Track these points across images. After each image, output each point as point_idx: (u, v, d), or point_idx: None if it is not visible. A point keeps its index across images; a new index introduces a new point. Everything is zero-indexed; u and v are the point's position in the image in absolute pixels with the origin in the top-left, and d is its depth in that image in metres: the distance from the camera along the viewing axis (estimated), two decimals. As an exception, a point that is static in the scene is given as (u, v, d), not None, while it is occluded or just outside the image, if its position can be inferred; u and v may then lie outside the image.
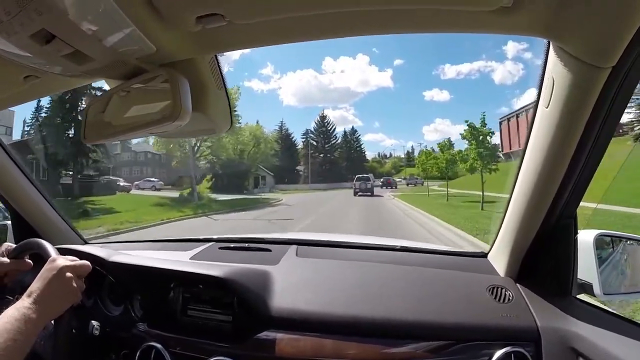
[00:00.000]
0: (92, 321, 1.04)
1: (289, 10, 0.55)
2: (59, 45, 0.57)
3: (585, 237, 0.93)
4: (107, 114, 0.74)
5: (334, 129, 61.93)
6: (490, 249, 1.16)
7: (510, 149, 42.62)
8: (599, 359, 0.75)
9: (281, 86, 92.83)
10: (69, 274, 0.81)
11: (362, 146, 64.26)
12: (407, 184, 44.10)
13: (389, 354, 0.88)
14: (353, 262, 1.17)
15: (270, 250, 1.28)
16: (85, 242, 1.44)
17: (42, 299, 0.75)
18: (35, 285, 0.77)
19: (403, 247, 1.33)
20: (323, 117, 62.58)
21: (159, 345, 0.96)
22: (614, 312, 0.92)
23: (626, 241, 1.05)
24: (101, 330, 1.04)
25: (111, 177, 26.15)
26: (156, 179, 31.49)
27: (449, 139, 20.89)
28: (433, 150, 24.63)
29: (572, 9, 0.55)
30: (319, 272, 1.13)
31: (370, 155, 70.30)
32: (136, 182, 30.16)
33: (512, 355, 0.84)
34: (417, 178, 46.98)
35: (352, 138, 63.11)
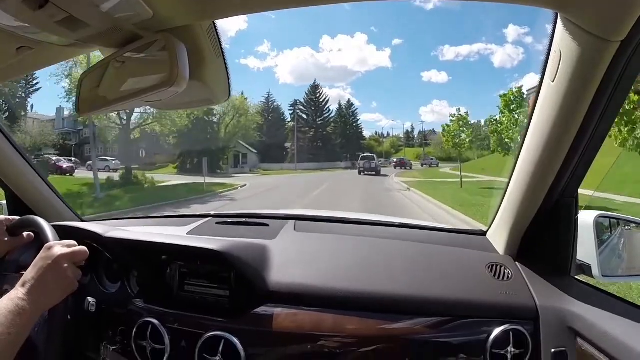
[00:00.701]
0: (88, 298, 1.04)
1: None
2: (52, 10, 0.55)
3: (586, 218, 0.93)
4: (102, 87, 0.73)
5: (327, 100, 52.33)
6: (490, 226, 1.16)
7: None
8: (596, 338, 0.75)
9: (277, 64, 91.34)
10: (65, 264, 0.78)
11: (359, 122, 55.38)
12: (422, 165, 41.39)
13: (388, 329, 0.88)
14: (352, 237, 1.17)
15: (267, 225, 1.27)
16: (82, 221, 1.43)
17: (36, 290, 0.73)
18: (30, 275, 0.75)
19: (402, 223, 1.33)
20: (315, 87, 52.14)
21: (155, 321, 0.96)
22: (612, 293, 0.92)
23: (625, 224, 1.04)
24: (97, 306, 1.03)
25: (50, 156, 22.75)
26: (112, 158, 26.09)
27: (519, 89, 12.72)
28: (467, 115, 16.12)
29: None
30: (318, 246, 1.13)
31: (367, 134, 63.14)
32: (88, 162, 24.90)
33: (511, 332, 0.84)
34: (432, 159, 43.86)
35: (347, 112, 53.81)
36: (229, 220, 1.34)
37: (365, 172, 24.14)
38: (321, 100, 51.80)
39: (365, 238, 1.16)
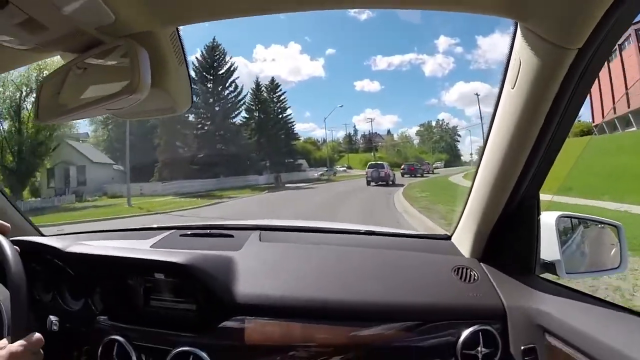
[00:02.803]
0: (51, 316, 0.99)
1: None
2: (12, 11, 0.53)
3: (548, 219, 0.97)
4: (62, 94, 0.70)
5: (234, 69, 29.89)
6: (454, 231, 1.18)
7: (604, 116, 22.65)
8: (564, 333, 0.77)
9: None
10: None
11: (289, 112, 34.68)
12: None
13: (358, 336, 0.88)
14: (318, 246, 1.16)
15: (232, 237, 1.25)
16: (42, 235, 1.36)
17: None
18: None
19: (368, 230, 1.33)
20: (213, 48, 29.72)
21: (121, 339, 0.92)
22: (577, 289, 0.96)
23: (586, 222, 1.09)
24: (60, 325, 0.98)
25: None
26: None
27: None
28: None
29: None
30: (284, 256, 1.12)
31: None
32: None
33: (480, 333, 0.86)
34: (428, 163, 34.90)
35: (270, 96, 33.00)
36: (193, 232, 1.31)
37: (374, 183, 19.85)
38: (222, 71, 29.44)
39: (331, 246, 1.16)
